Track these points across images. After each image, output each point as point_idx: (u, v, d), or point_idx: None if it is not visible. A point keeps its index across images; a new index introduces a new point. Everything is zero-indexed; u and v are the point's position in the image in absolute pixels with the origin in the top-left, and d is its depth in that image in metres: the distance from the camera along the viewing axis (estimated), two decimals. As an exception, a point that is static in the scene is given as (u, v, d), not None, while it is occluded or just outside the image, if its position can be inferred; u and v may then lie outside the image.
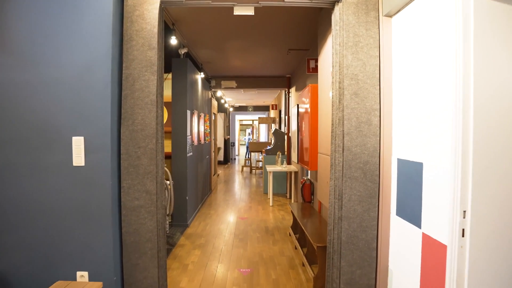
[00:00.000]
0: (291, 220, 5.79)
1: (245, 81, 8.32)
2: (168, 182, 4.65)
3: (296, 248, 4.44)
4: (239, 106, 16.97)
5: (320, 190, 3.93)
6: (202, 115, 6.99)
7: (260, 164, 13.85)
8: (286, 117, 8.70)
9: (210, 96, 8.37)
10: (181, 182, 5.35)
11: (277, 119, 11.79)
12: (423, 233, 1.99)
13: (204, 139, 7.28)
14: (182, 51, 5.34)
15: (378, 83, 2.55)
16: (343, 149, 2.59)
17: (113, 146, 2.48)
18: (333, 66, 2.79)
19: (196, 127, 6.20)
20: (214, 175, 9.37)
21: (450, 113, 1.74)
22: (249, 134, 22.29)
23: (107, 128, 2.42)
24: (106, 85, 2.41)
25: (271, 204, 7.05)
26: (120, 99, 2.55)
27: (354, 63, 2.56)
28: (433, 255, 1.88)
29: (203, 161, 7.28)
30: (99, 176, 2.42)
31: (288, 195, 7.92)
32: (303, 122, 4.69)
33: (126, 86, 2.54)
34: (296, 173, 7.07)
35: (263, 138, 22.16)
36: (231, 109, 16.63)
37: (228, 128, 16.58)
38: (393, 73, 2.47)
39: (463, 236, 1.70)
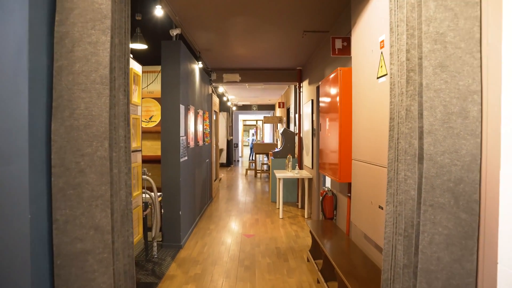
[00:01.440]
0: (307, 239, 4.77)
1: (250, 75, 7.32)
2: (152, 194, 3.65)
3: (319, 282, 3.42)
4: (243, 105, 15.97)
5: (356, 211, 2.90)
6: (201, 112, 5.98)
7: (266, 167, 12.83)
8: (297, 115, 7.67)
9: (210, 91, 7.38)
10: (173, 193, 4.35)
11: (284, 118, 10.78)
12: None
13: (203, 140, 6.28)
14: (174, 32, 4.34)
15: (479, 48, 1.54)
16: (419, 158, 1.58)
17: (36, 153, 1.48)
18: (391, 28, 1.79)
19: (193, 126, 5.20)
20: (215, 180, 8.37)
21: None
22: (253, 134, 21.27)
23: (23, 124, 1.42)
24: (20, 50, 1.41)
25: (281, 216, 6.03)
26: (50, 75, 1.55)
27: (440, 15, 1.54)
28: None
29: (202, 166, 6.27)
30: (9, 205, 1.42)
31: (299, 204, 6.90)
32: (326, 119, 3.67)
33: (61, 54, 1.54)
34: (310, 180, 6.05)
35: (267, 139, 21.14)
36: (234, 108, 15.64)
37: (231, 128, 15.59)
38: (504, 31, 1.45)
39: None
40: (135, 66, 3.12)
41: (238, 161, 18.01)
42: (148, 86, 5.59)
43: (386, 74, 2.16)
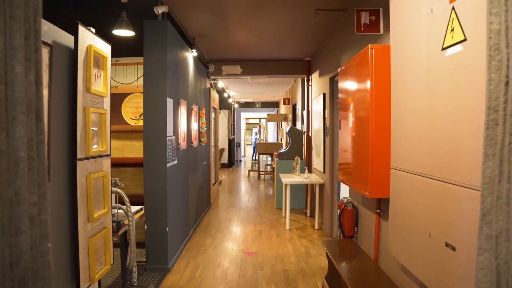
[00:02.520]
0: (320, 258, 4.00)
1: (253, 67, 6.53)
2: (125, 208, 2.88)
3: (340, 326, 2.64)
4: (245, 102, 15.19)
5: (398, 239, 2.11)
6: (196, 108, 5.21)
7: (269, 168, 12.06)
8: (305, 112, 6.89)
9: (208, 85, 6.61)
10: (158, 205, 3.59)
11: (290, 116, 9.99)
12: None
13: (199, 141, 5.51)
14: (160, 10, 3.57)
15: None
16: None
17: None
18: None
19: (185, 123, 4.43)
20: (214, 184, 7.61)
21: None
22: (256, 133, 20.45)
23: None
24: None
25: (287, 227, 5.25)
26: None
27: None
28: None
29: (198, 170, 5.51)
30: None
31: (308, 211, 6.12)
32: (349, 114, 2.88)
33: None
34: (321, 186, 5.27)
35: (271, 138, 20.35)
36: (236, 106, 14.86)
37: (232, 127, 14.82)
38: None
39: None
40: (99, 44, 2.35)
41: (240, 161, 17.25)
42: (139, 79, 4.84)
43: (464, 40, 1.38)
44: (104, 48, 2.45)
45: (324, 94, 5.07)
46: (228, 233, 5.08)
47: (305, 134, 6.60)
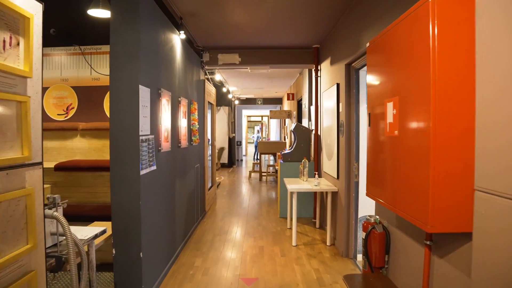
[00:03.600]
0: (335, 287, 3.18)
1: (253, 55, 5.70)
2: (68, 238, 2.06)
3: None
4: (246, 98, 14.36)
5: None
6: (184, 101, 4.40)
7: (272, 169, 11.24)
8: (312, 108, 6.06)
9: (202, 77, 5.79)
10: (128, 225, 2.78)
11: (294, 113, 9.16)
12: None
13: (189, 140, 4.70)
14: (131, -28, 2.76)
15: None
16: None
17: None
18: None
19: (169, 119, 3.61)
20: (210, 188, 6.80)
21: None
22: (257, 131, 19.60)
23: None
24: None
25: (294, 243, 4.43)
26: None
27: None
28: None
29: (188, 174, 4.70)
30: None
31: (316, 221, 5.30)
32: (388, 105, 2.04)
33: None
34: (334, 194, 4.44)
35: (273, 136, 19.52)
36: (236, 102, 14.03)
37: (233, 125, 14.00)
38: None
39: None
40: (14, -4, 1.53)
41: (241, 160, 16.44)
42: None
43: None
44: (27, 4, 1.64)
45: (337, 85, 4.24)
46: (224, 250, 4.27)
47: (313, 132, 5.78)
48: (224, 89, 10.30)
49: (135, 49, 2.73)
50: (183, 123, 4.24)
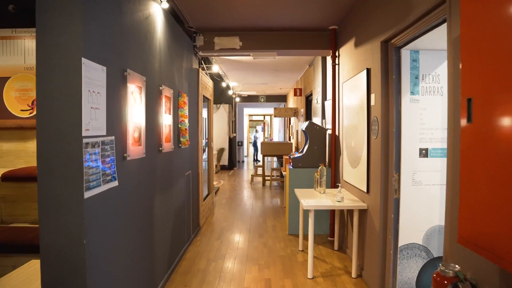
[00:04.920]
0: None
1: (257, 39, 4.72)
2: None
3: None
4: (248, 95, 13.38)
5: None
6: (168, 92, 3.41)
7: (275, 172, 10.24)
8: (328, 102, 5.09)
9: (195, 66, 4.81)
10: (66, 276, 1.79)
11: (302, 110, 8.17)
12: None
13: (177, 142, 3.72)
14: None
15: None
16: None
17: None
18: None
19: (142, 114, 2.61)
20: (207, 197, 5.83)
21: None
22: (256, 131, 18.53)
23: None
24: None
25: (309, 274, 3.44)
26: None
27: None
28: None
29: (174, 187, 3.72)
30: None
31: (335, 242, 4.31)
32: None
33: None
34: (363, 212, 3.44)
35: (276, 137, 18.53)
36: (237, 100, 13.06)
37: (234, 124, 13.02)
38: None
39: None
40: None
41: (242, 162, 15.47)
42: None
43: None
44: None
45: (367, 71, 3.25)
46: (219, 285, 3.29)
47: (330, 132, 4.80)
48: (224, 84, 9.32)
49: (74, 2, 1.74)
50: (166, 119, 3.25)
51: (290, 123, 11.53)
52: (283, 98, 13.41)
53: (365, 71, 3.30)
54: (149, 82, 2.78)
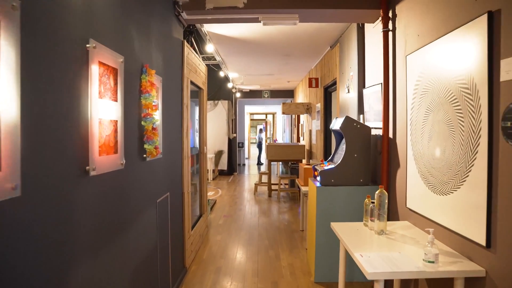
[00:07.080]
0: None
1: (269, -4, 3.15)
2: None
3: None
4: (250, 90, 11.81)
5: None
6: (115, 59, 1.83)
7: (284, 182, 8.64)
8: (375, 89, 3.53)
9: (177, 35, 3.25)
10: None
11: (318, 105, 6.61)
12: None
13: (136, 152, 2.14)
14: None
15: None
16: None
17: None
18: None
19: (17, 96, 1.05)
20: (198, 221, 4.27)
21: None
22: (260, 131, 16.95)
23: None
24: None
25: None
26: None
27: None
28: None
29: (130, 231, 2.15)
30: None
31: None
32: None
33: None
34: (473, 283, 1.86)
35: (280, 138, 16.96)
36: (238, 95, 11.49)
37: (234, 123, 11.45)
38: None
39: None
40: None
41: (244, 165, 13.90)
42: None
43: None
44: None
45: (491, 16, 1.69)
46: None
47: (377, 133, 3.24)
48: (222, 74, 7.75)
49: None
50: (105, 110, 1.68)
51: (299, 122, 9.97)
52: (289, 94, 11.85)
53: (482, 19, 1.74)
54: (49, 24, 1.21)
